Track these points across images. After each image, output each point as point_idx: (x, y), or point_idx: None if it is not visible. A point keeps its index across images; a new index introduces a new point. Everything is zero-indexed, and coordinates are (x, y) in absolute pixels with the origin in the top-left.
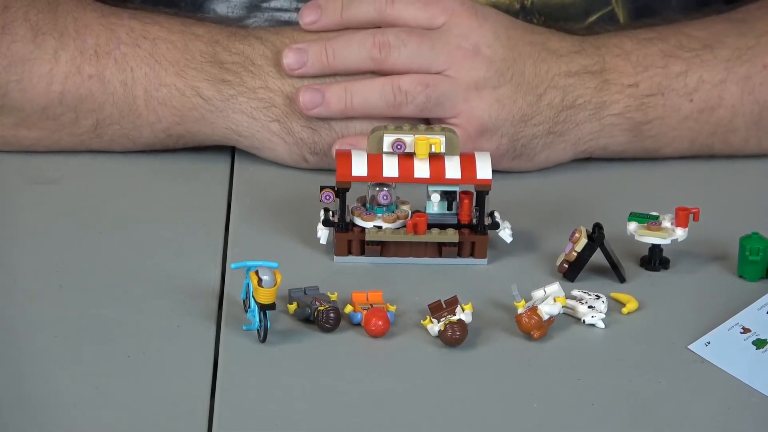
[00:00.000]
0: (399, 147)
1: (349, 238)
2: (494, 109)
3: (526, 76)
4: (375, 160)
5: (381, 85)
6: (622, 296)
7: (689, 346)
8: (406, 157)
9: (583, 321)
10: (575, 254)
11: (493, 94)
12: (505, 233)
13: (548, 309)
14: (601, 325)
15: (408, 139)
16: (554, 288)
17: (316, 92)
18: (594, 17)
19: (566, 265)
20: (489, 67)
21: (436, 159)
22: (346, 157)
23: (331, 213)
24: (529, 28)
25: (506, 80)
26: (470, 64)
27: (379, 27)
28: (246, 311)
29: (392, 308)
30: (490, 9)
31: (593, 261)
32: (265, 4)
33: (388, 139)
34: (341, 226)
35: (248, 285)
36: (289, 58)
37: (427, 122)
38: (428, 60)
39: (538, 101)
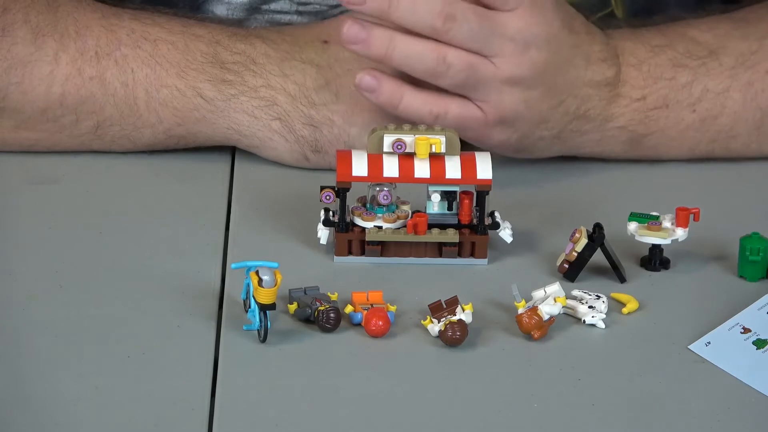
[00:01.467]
0: (399, 147)
1: (349, 238)
2: (520, 107)
3: (557, 81)
4: (375, 160)
5: (427, 51)
6: (622, 296)
7: (689, 346)
8: (406, 157)
9: (584, 321)
10: (575, 254)
11: (523, 94)
12: (506, 233)
13: (548, 309)
14: (602, 325)
15: (408, 139)
16: (554, 288)
17: (361, 29)
18: (593, 18)
19: (566, 265)
20: (531, 68)
21: (436, 159)
22: (346, 157)
23: (331, 213)
24: (575, 28)
25: (539, 83)
26: (517, 60)
27: None
28: (246, 311)
29: (392, 308)
30: (552, 2)
31: (593, 261)
32: (264, 6)
33: (388, 139)
34: (341, 226)
35: (248, 285)
36: None
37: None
38: (483, 43)
39: (557, 107)
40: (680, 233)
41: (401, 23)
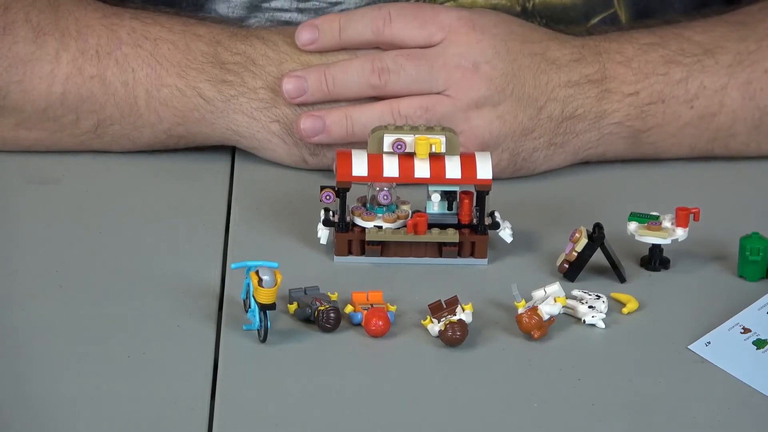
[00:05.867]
0: (399, 147)
1: (349, 238)
2: (495, 126)
3: (526, 89)
4: (375, 160)
5: (380, 111)
6: (622, 296)
7: (689, 346)
8: (406, 157)
9: (584, 321)
10: (575, 254)
11: (493, 111)
12: (506, 233)
13: (548, 309)
14: (602, 325)
15: (408, 139)
16: (554, 288)
17: (316, 120)
18: (595, 19)
19: (566, 265)
20: (489, 84)
21: (436, 159)
22: (346, 157)
23: (331, 213)
24: (527, 38)
25: (506, 96)
26: (470, 83)
27: (377, 47)
28: (246, 311)
29: (392, 308)
30: (488, 19)
31: (593, 261)
32: (265, 5)
33: (388, 139)
34: (341, 226)
35: (248, 285)
36: (289, 86)
37: None
38: (428, 82)
39: (538, 114)
40: (680, 233)
41: (345, 96)
